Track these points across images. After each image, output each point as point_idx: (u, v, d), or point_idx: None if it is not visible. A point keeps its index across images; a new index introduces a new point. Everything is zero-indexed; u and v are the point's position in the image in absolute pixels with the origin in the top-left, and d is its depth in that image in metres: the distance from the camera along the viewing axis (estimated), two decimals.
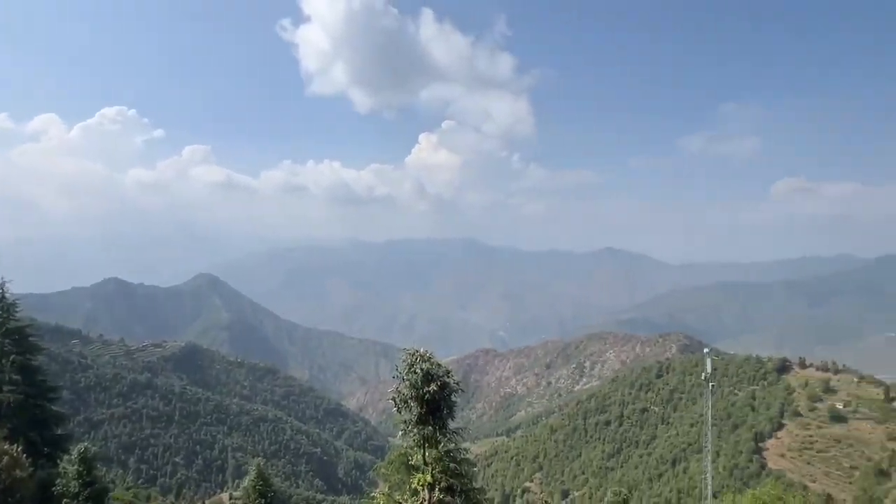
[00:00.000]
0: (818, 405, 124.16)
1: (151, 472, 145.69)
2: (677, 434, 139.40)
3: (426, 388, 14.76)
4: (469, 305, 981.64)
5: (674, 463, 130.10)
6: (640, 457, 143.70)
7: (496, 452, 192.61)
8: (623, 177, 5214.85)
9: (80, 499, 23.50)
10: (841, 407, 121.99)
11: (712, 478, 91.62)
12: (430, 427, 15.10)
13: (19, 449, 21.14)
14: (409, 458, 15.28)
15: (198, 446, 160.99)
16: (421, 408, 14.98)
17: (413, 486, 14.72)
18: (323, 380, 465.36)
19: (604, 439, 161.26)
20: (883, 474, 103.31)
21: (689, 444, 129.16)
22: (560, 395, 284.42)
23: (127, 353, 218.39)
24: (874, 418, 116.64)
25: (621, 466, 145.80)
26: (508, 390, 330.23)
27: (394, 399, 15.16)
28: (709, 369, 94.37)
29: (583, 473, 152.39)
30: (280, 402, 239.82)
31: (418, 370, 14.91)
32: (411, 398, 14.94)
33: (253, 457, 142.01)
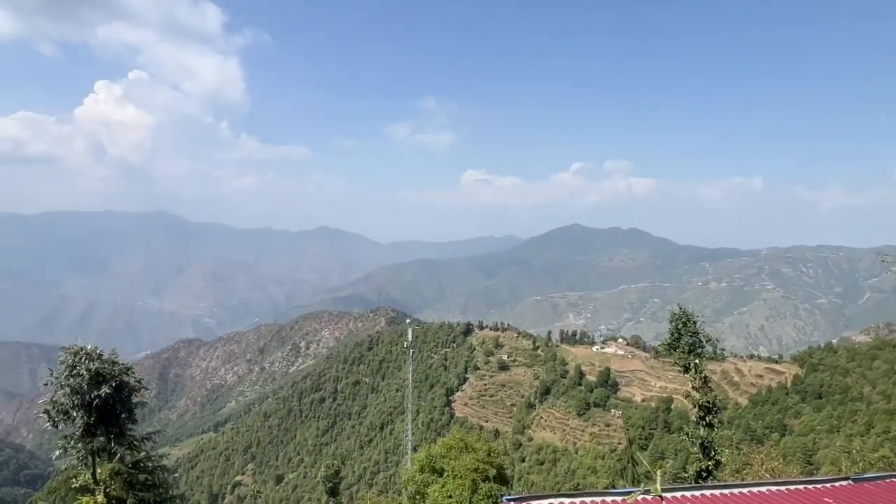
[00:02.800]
0: (491, 359, 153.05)
1: None
2: (385, 400, 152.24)
3: (95, 392, 12.63)
4: (164, 291, 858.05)
5: (382, 427, 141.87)
6: (353, 427, 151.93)
7: (202, 451, 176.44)
8: (337, 157, 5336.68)
9: None
10: (506, 358, 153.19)
11: (413, 434, 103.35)
12: (101, 438, 13.07)
13: None
14: (76, 479, 13.01)
15: None
16: (88, 416, 12.84)
17: None
18: None
19: (318, 417, 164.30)
20: (531, 406, 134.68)
21: (395, 408, 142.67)
22: (275, 379, 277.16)
23: None
24: (526, 364, 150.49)
25: (335, 440, 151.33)
26: (217, 381, 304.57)
27: (47, 411, 12.83)
28: (410, 338, 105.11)
29: (298, 454, 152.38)
30: None
31: (83, 372, 12.63)
32: (73, 407, 12.71)
33: None
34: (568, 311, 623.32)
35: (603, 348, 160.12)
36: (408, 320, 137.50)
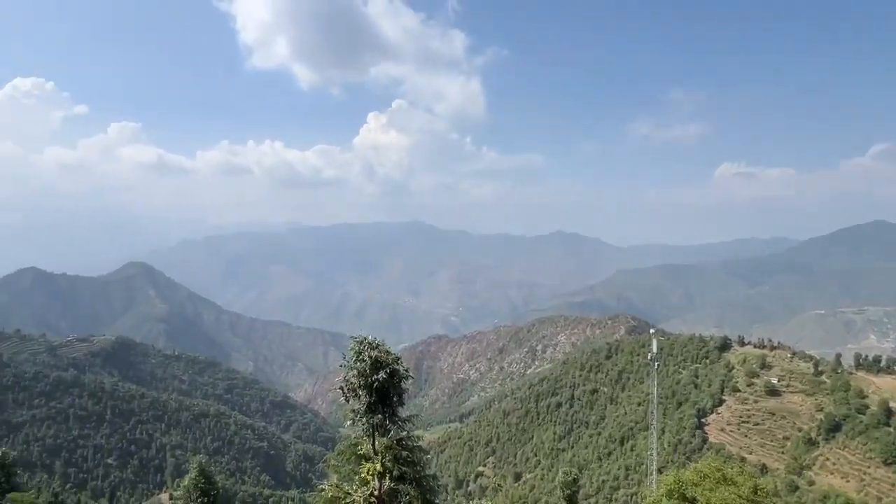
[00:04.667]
0: (755, 381, 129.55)
1: (81, 475, 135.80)
2: (625, 413, 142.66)
3: (375, 376, 14.63)
4: (420, 291, 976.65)
5: (622, 441, 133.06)
6: (590, 437, 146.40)
7: (449, 439, 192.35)
8: (572, 161, 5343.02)
9: None
10: (775, 381, 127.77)
11: (658, 454, 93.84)
12: (379, 415, 15.09)
13: None
14: (359, 447, 15.14)
15: (132, 446, 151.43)
16: (370, 396, 14.88)
17: (362, 475, 14.66)
18: (269, 372, 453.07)
19: (555, 421, 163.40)
20: (811, 443, 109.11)
21: (637, 423, 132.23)
22: (512, 378, 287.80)
23: (49, 350, 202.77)
24: (804, 391, 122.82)
25: (572, 447, 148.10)
26: (461, 376, 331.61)
27: (341, 388, 15.07)
28: (654, 350, 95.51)
29: (535, 455, 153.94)
30: (223, 396, 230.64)
31: (366, 358, 14.69)
32: (360, 387, 14.83)
33: (194, 454, 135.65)
34: (867, 331, 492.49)
35: None
36: (651, 330, 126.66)
